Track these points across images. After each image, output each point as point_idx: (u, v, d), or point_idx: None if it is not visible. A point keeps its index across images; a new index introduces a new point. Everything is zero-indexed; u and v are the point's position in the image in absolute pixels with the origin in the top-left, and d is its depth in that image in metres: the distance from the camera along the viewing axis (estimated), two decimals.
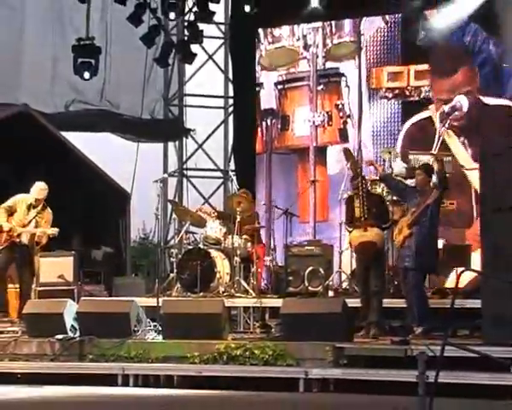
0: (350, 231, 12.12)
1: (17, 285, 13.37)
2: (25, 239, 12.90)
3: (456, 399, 8.43)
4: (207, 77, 20.00)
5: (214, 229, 14.31)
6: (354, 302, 11.74)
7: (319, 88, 17.34)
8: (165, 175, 17.40)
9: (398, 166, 14.16)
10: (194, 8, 17.66)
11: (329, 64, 17.44)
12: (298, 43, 17.75)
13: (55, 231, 12.89)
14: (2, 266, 13.01)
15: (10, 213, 12.89)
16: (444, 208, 13.03)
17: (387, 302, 12.16)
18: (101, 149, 18.21)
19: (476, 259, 12.45)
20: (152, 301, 12.59)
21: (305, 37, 17.58)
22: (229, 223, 14.12)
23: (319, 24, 17.29)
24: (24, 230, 12.85)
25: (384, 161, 14.36)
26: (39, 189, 12.94)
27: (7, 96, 16.43)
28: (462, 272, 12.21)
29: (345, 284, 13.81)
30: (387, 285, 12.84)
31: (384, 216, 12.00)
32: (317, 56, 17.44)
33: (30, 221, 12.87)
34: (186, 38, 18.09)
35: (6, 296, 13.22)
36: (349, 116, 17.04)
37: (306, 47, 17.58)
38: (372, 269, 11.63)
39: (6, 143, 14.91)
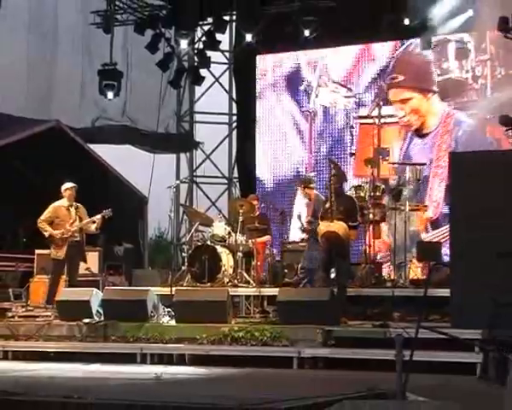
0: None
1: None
2: (78, 236, 12.66)
3: (429, 374, 8.42)
4: (214, 97, 20.02)
5: (220, 228, 14.30)
6: None
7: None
8: (178, 182, 17.38)
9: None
10: (203, 38, 17.75)
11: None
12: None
13: (108, 211, 12.67)
14: (61, 266, 12.75)
15: (51, 221, 12.57)
16: None
17: (369, 292, 12.18)
18: (123, 160, 18.24)
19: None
20: (166, 290, 12.55)
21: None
22: (234, 223, 14.11)
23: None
24: (73, 228, 12.56)
25: None
26: (66, 188, 12.71)
27: (41, 112, 16.43)
28: (434, 265, 12.33)
29: (332, 276, 13.77)
30: (369, 277, 12.83)
31: (352, 215, 11.89)
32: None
33: (75, 220, 12.66)
34: (196, 63, 18.20)
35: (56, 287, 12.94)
36: None
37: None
38: (337, 264, 11.58)
39: (40, 153, 14.92)
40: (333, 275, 11.99)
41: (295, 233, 14.69)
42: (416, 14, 14.77)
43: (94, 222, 12.70)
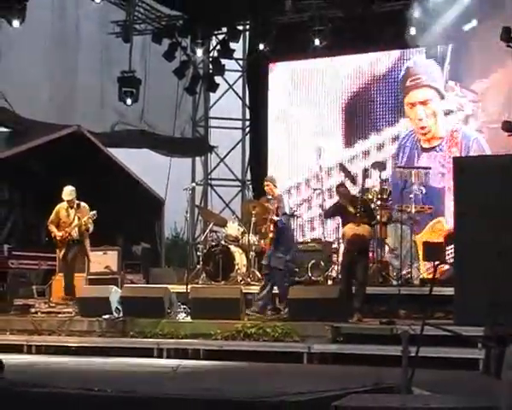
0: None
1: (83, 274, 13.34)
2: (75, 235, 12.79)
3: (434, 370, 8.41)
4: (228, 103, 20.04)
5: (233, 229, 14.31)
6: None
7: None
8: (193, 184, 17.39)
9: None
10: (218, 47, 17.77)
11: None
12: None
13: (93, 213, 12.68)
14: (65, 265, 12.90)
15: (57, 223, 12.79)
16: None
17: (377, 290, 12.16)
18: (141, 163, 18.26)
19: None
20: (182, 288, 12.58)
21: None
22: (247, 224, 14.12)
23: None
24: (70, 228, 12.73)
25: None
26: (67, 192, 12.78)
27: (63, 118, 16.47)
28: (439, 264, 12.30)
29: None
30: (376, 275, 12.83)
31: (372, 216, 11.99)
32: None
33: (73, 220, 12.75)
34: (211, 71, 18.23)
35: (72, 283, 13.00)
36: None
37: None
38: (359, 262, 11.53)
39: (63, 157, 14.96)
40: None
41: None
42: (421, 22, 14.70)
43: (81, 224, 12.69)
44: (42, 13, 15.78)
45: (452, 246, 11.38)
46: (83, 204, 12.84)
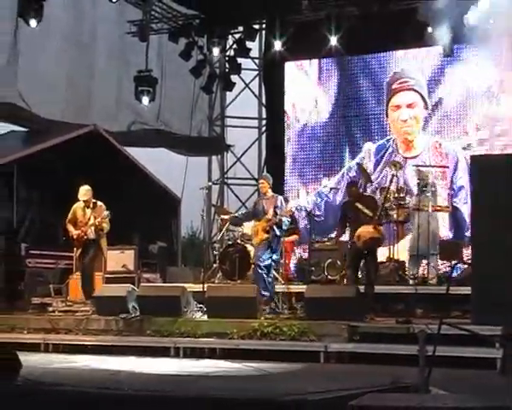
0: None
1: (100, 273, 13.34)
2: (91, 234, 12.75)
3: (451, 369, 8.38)
4: (244, 102, 20.05)
5: (250, 228, 14.30)
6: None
7: None
8: (210, 183, 17.43)
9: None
10: (234, 46, 17.79)
11: None
12: None
13: (107, 213, 12.60)
14: (83, 262, 12.80)
15: (74, 222, 12.77)
16: None
17: (393, 289, 12.13)
18: (157, 162, 18.32)
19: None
20: (198, 287, 12.58)
21: None
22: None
23: None
24: (86, 227, 12.69)
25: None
26: (82, 192, 12.76)
27: (80, 117, 16.53)
28: (456, 264, 12.26)
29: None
30: (393, 274, 12.80)
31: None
32: None
33: (89, 219, 12.74)
34: (227, 70, 18.27)
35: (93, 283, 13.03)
36: None
37: None
38: (369, 262, 11.50)
39: (80, 156, 15.02)
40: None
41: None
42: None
43: (94, 225, 12.65)
44: (59, 13, 15.85)
45: None
46: (99, 203, 12.82)
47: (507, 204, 9.74)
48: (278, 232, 12.24)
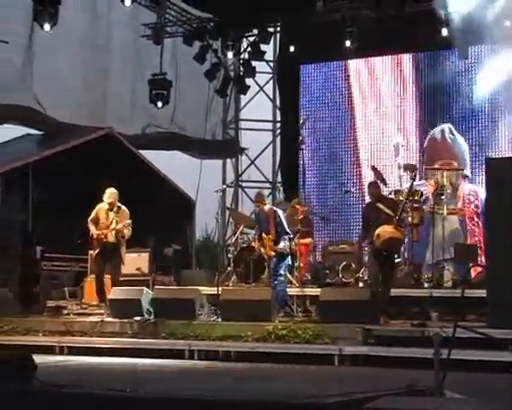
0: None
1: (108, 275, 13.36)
2: (111, 238, 12.69)
3: (465, 372, 8.35)
4: (259, 105, 20.07)
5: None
6: None
7: None
8: (224, 186, 17.43)
9: None
10: (248, 49, 17.79)
11: None
12: None
13: (128, 222, 12.57)
14: (99, 264, 12.82)
15: (96, 222, 12.70)
16: None
17: (408, 292, 12.10)
18: (172, 165, 18.36)
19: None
20: (213, 290, 12.56)
21: None
22: None
23: None
24: (107, 230, 12.64)
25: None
26: (108, 194, 12.71)
27: (96, 120, 16.60)
28: (472, 266, 12.22)
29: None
30: (408, 277, 12.76)
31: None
32: None
33: (111, 222, 12.69)
34: (241, 73, 18.26)
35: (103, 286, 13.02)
36: None
37: None
38: (388, 264, 11.48)
39: (95, 158, 15.08)
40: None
41: None
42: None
43: (115, 229, 12.60)
44: (74, 16, 15.91)
45: None
46: (123, 208, 12.73)
47: None
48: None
